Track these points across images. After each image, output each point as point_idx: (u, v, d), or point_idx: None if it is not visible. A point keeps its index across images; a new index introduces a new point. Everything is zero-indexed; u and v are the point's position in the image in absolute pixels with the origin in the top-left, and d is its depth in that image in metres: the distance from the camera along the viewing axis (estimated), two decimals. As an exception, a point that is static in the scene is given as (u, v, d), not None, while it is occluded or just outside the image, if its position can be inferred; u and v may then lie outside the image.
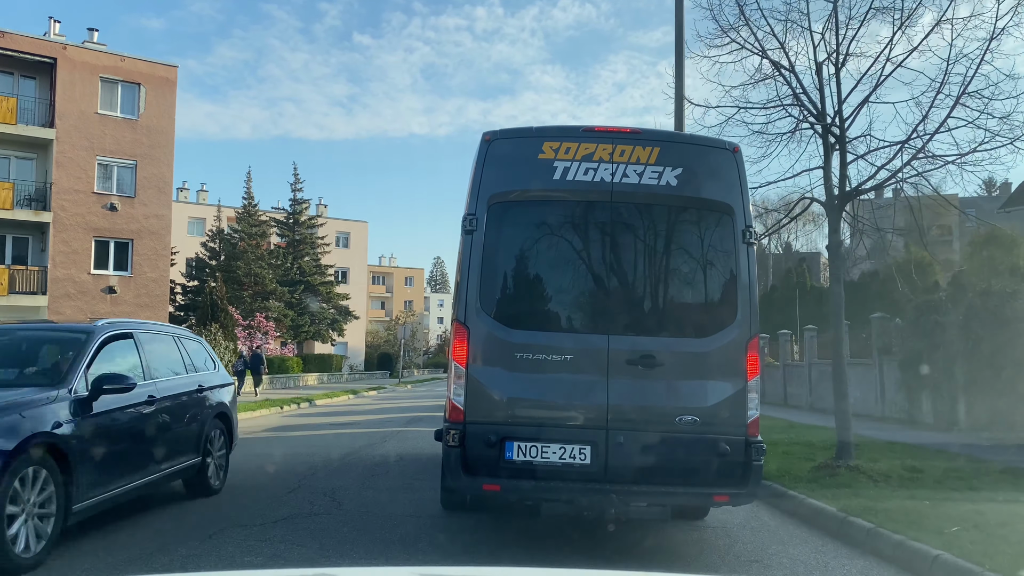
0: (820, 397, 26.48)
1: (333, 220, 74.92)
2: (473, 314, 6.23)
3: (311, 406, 28.21)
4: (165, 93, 38.25)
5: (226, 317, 42.18)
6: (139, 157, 36.89)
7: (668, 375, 6.17)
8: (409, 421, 20.75)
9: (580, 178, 6.30)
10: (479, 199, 6.32)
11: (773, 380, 31.28)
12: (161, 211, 38.00)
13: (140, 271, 36.92)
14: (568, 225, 6.48)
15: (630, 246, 6.44)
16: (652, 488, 6.12)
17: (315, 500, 8.58)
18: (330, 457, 12.41)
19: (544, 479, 6.04)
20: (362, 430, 17.81)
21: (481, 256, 6.27)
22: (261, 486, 9.71)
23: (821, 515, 8.19)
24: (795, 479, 9.71)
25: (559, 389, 6.20)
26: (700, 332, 6.36)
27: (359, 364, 74.65)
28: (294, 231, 60.51)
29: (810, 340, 27.64)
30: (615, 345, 6.14)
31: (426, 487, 9.38)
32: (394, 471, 10.94)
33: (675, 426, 6.08)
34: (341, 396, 34.01)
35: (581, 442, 6.04)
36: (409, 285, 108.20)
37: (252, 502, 8.61)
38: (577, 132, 6.43)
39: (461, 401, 6.14)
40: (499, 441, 6.04)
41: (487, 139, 6.45)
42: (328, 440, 15.32)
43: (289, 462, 11.74)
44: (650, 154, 6.33)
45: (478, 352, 6.22)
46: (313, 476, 10.38)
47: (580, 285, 6.47)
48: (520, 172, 6.41)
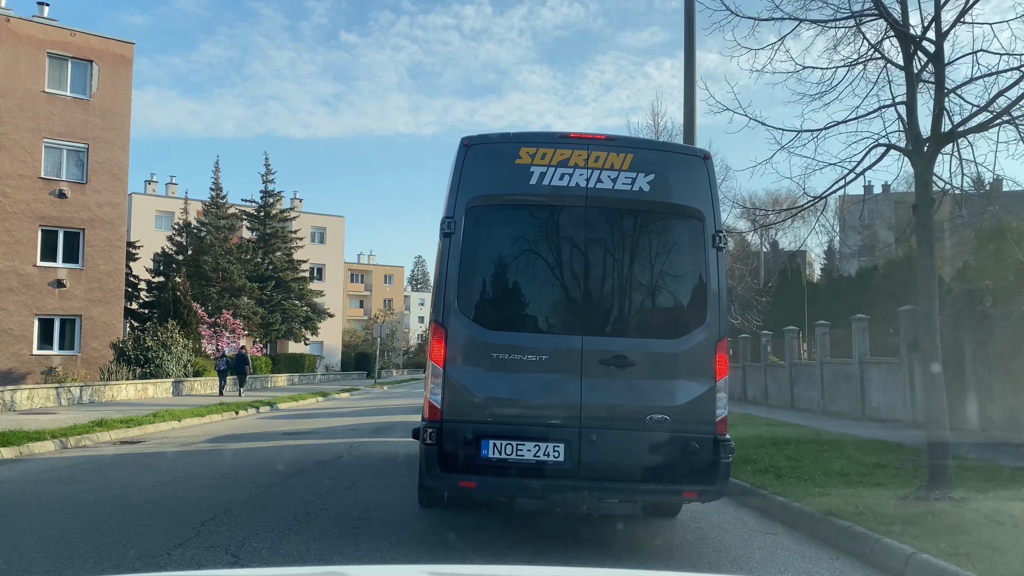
0: (834, 399, 24.06)
1: (308, 215, 72.05)
2: (451, 315, 6.37)
3: (272, 410, 25.50)
4: (120, 71, 35.40)
5: (189, 314, 39.48)
6: (91, 140, 34.01)
7: (639, 375, 6.37)
8: (377, 429, 18.15)
9: (556, 183, 6.48)
10: (457, 202, 6.48)
11: (778, 380, 28.83)
12: (116, 199, 35.12)
13: (92, 263, 34.00)
14: (544, 228, 6.67)
15: (603, 249, 6.60)
16: (623, 485, 6.25)
17: (209, 560, 5.94)
18: (260, 484, 9.77)
19: (518, 476, 6.20)
20: (318, 441, 15.17)
21: (459, 258, 6.42)
22: (140, 534, 7.05)
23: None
24: (882, 519, 7.15)
25: (534, 389, 6.34)
26: (670, 334, 6.56)
27: (335, 364, 71.73)
28: (265, 225, 57.55)
29: (822, 337, 25.19)
30: (589, 346, 6.32)
31: (375, 534, 6.82)
32: (336, 510, 8.27)
33: (646, 425, 6.26)
34: (309, 399, 31.31)
35: (555, 440, 6.20)
36: (389, 283, 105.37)
37: (101, 559, 5.97)
38: (553, 138, 6.63)
39: (438, 400, 6.27)
40: (475, 439, 6.20)
41: (466, 144, 6.62)
42: (269, 456, 12.69)
43: (200, 493, 9.09)
44: (624, 160, 6.52)
45: (455, 352, 6.35)
46: (224, 518, 7.72)
47: (555, 287, 6.65)
48: (498, 176, 6.59)
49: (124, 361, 30.76)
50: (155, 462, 12.07)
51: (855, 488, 8.78)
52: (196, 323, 40.38)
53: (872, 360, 21.65)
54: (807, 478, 9.70)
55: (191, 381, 33.90)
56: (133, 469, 11.41)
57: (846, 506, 7.67)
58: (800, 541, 7.39)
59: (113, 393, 27.14)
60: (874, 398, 21.36)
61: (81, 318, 33.44)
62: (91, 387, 26.01)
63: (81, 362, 32.74)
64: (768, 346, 29.97)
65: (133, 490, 9.41)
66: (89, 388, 25.81)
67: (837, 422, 20.16)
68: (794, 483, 9.33)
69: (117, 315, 35.17)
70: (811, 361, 26.50)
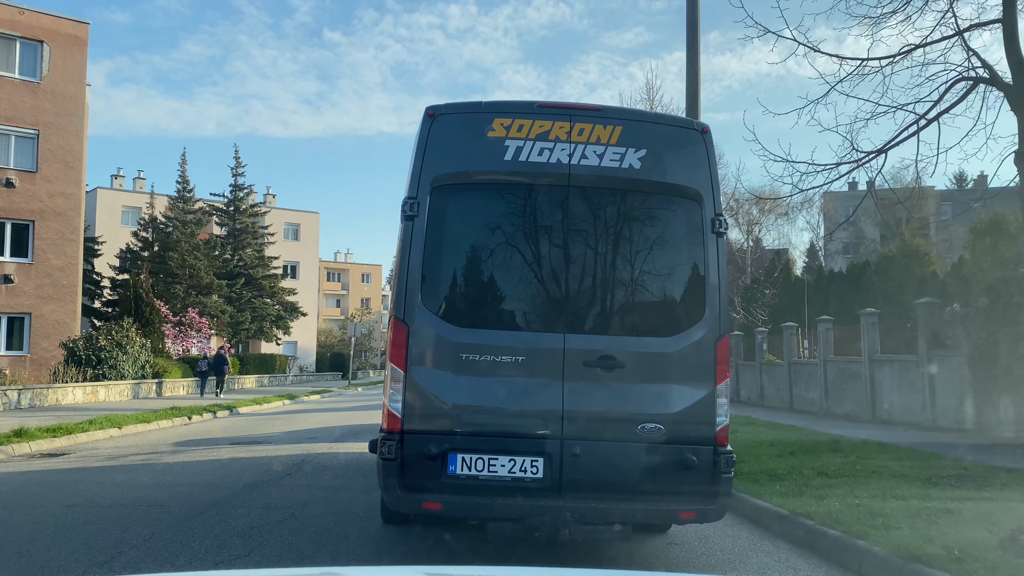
0: (838, 400, 22.32)
1: (281, 210, 69.76)
2: (414, 311, 5.57)
3: (231, 415, 23.46)
4: (74, 53, 33.17)
5: (152, 312, 37.29)
6: (42, 126, 31.81)
7: (629, 378, 5.62)
8: (344, 435, 16.22)
9: (534, 159, 5.69)
10: (421, 182, 5.67)
11: (775, 380, 27.07)
12: (69, 189, 32.86)
13: (43, 258, 31.75)
14: (520, 211, 5.85)
15: (588, 234, 5.83)
16: (611, 505, 5.51)
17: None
18: (175, 515, 7.80)
19: (491, 495, 5.39)
20: (270, 453, 13.20)
21: (423, 246, 5.61)
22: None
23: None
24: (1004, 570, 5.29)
25: (509, 394, 5.57)
26: (665, 331, 5.81)
27: (310, 365, 69.44)
28: (235, 220, 55.27)
29: (825, 334, 23.40)
30: (571, 345, 5.58)
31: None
32: (258, 556, 6.34)
33: (637, 435, 5.53)
34: (275, 402, 29.23)
35: (533, 454, 5.44)
36: (366, 282, 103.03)
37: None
38: (531, 108, 5.80)
39: (399, 408, 5.49)
40: (441, 453, 5.41)
41: (431, 114, 5.81)
42: (204, 472, 10.72)
43: (88, 530, 7.11)
44: (611, 133, 5.75)
45: (419, 353, 5.57)
46: (98, 572, 5.76)
47: (533, 278, 5.82)
48: (467, 152, 5.78)
49: (74, 362, 28.53)
50: (63, 482, 10.05)
51: (928, 520, 6.93)
52: (159, 322, 38.22)
53: (884, 358, 19.89)
54: (855, 501, 7.87)
55: (151, 383, 31.72)
56: (31, 492, 9.39)
57: (933, 548, 5.81)
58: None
59: (58, 397, 24.95)
60: (886, 399, 19.61)
61: (31, 316, 31.21)
62: (31, 390, 23.78)
63: (31, 363, 30.49)
64: (764, 344, 28.20)
65: (2, 527, 7.43)
66: (29, 391, 23.59)
67: (848, 426, 18.39)
68: (843, 509, 7.49)
69: (71, 313, 32.88)
70: (812, 360, 24.75)
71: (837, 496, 8.24)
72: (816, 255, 73.21)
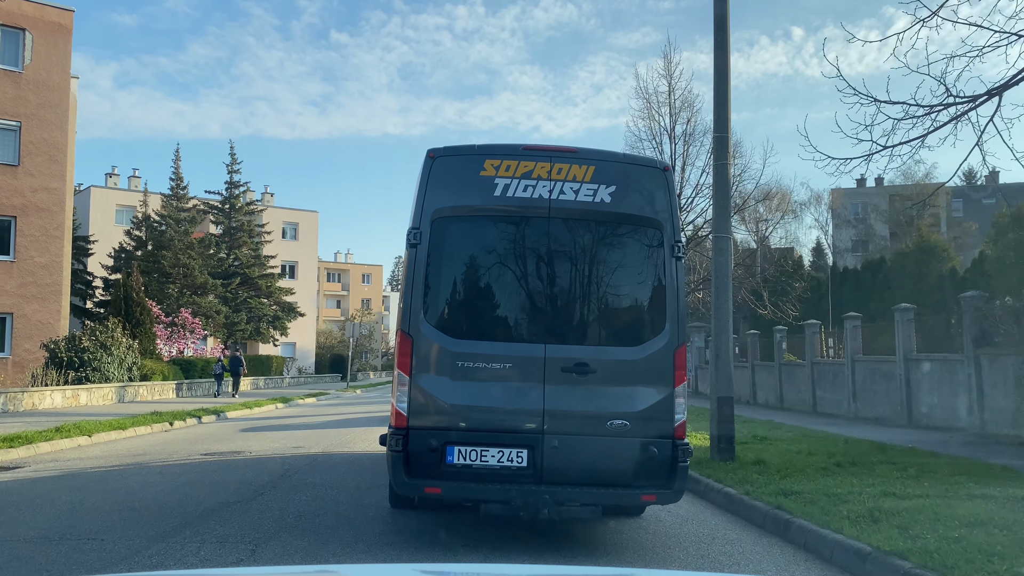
0: (869, 403, 20.76)
1: (279, 209, 68.33)
2: (417, 324, 6.44)
3: (218, 420, 21.96)
4: (58, 42, 31.72)
5: (142, 313, 35.88)
6: (24, 117, 30.39)
7: (600, 382, 6.45)
8: (329, 447, 14.72)
9: (519, 194, 6.56)
10: (423, 214, 6.52)
11: (795, 382, 25.51)
12: (53, 183, 31.39)
13: (26, 255, 30.31)
14: (507, 239, 6.72)
15: (566, 259, 6.67)
16: (584, 489, 6.35)
17: None
18: (112, 556, 6.28)
19: (483, 482, 6.26)
20: (242, 470, 11.69)
21: (425, 269, 6.50)
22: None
23: None
24: None
25: (498, 396, 6.40)
26: (630, 341, 6.66)
27: (309, 367, 67.92)
28: (230, 218, 53.76)
29: (852, 331, 21.81)
30: (551, 354, 6.41)
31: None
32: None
33: (606, 430, 6.36)
34: (267, 405, 27.73)
35: (518, 446, 6.29)
36: (367, 283, 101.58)
37: None
38: (517, 150, 6.67)
39: (404, 407, 6.32)
40: (440, 446, 6.26)
41: (431, 156, 6.66)
42: (160, 494, 9.21)
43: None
44: (586, 172, 6.63)
45: (421, 360, 6.42)
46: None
47: (519, 297, 6.71)
48: (462, 188, 6.64)
49: (56, 364, 27.02)
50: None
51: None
52: (150, 322, 36.80)
53: (922, 357, 18.32)
54: (951, 533, 6.36)
55: (137, 386, 30.17)
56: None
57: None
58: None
59: (34, 401, 23.46)
60: (925, 402, 18.06)
61: (12, 316, 29.75)
62: (5, 394, 22.27)
63: (12, 365, 29.04)
64: (784, 343, 26.62)
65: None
66: (3, 396, 22.09)
67: (883, 430, 16.88)
68: (942, 545, 5.97)
69: (55, 313, 31.37)
70: (838, 359, 23.16)
71: (922, 524, 6.73)
72: (823, 253, 71.63)
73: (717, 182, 12.38)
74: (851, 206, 78.06)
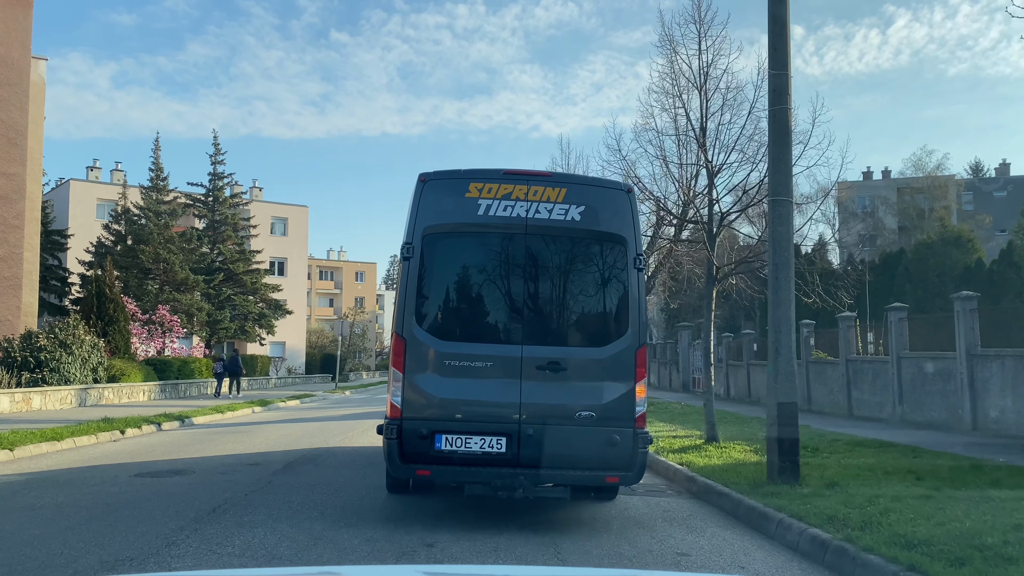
0: (919, 406, 18.26)
1: (267, 204, 65.72)
2: (410, 328, 7.38)
3: (182, 425, 19.41)
4: (16, 15, 29.11)
5: (116, 310, 33.34)
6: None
7: (570, 378, 7.37)
8: (291, 463, 12.25)
9: (500, 214, 7.47)
10: (415, 230, 7.44)
11: (826, 382, 23.00)
12: (12, 168, 28.74)
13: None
14: (489, 253, 7.67)
15: (541, 270, 7.60)
16: (555, 472, 7.22)
17: None
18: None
19: (467, 465, 7.18)
20: (176, 496, 9.18)
21: (417, 279, 7.43)
22: None
23: None
24: None
25: (480, 391, 7.31)
26: (597, 343, 7.60)
27: (299, 367, 65.26)
28: (214, 211, 51.14)
29: (897, 324, 19.28)
30: (527, 354, 7.33)
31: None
32: None
33: (575, 420, 7.25)
34: (242, 409, 25.19)
35: (498, 434, 7.18)
36: (360, 281, 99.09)
37: None
38: (498, 175, 7.57)
39: (399, 401, 7.24)
40: (430, 434, 7.15)
41: (423, 180, 7.55)
42: (56, 534, 6.69)
43: None
44: (558, 194, 7.54)
45: (413, 360, 7.33)
46: None
47: (499, 303, 7.61)
48: (450, 208, 7.54)
49: (7, 365, 24.46)
50: None
51: None
52: (124, 320, 34.25)
53: (990, 353, 15.81)
54: None
55: (103, 389, 27.57)
56: None
57: None
58: None
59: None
60: (994, 406, 15.56)
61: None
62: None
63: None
64: (811, 338, 24.12)
65: None
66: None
67: (945, 438, 14.44)
68: None
69: (14, 309, 28.72)
70: (880, 357, 20.67)
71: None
72: (826, 248, 69.41)
73: (775, 133, 9.91)
74: (858, 199, 75.77)
